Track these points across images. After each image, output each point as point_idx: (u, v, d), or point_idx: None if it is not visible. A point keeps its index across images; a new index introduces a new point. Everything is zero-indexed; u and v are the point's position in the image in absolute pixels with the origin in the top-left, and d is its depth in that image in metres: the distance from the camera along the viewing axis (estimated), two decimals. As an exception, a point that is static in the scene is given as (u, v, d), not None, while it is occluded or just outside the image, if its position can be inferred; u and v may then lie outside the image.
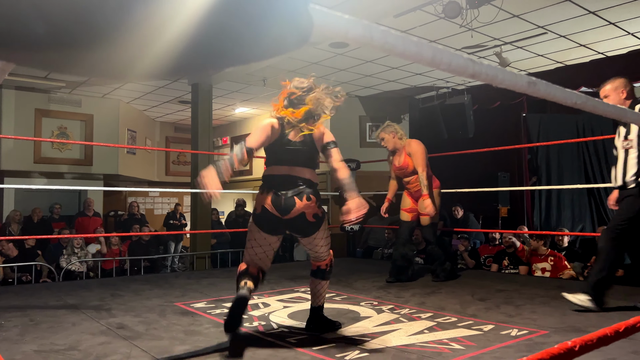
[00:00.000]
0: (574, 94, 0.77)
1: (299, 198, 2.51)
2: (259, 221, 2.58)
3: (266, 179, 2.65)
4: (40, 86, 8.21)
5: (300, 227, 2.57)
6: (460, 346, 2.45)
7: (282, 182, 2.56)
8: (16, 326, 2.86)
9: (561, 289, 4.04)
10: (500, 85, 0.69)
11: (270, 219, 2.54)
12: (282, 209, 2.50)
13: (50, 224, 8.14)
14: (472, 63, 0.61)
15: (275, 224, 2.56)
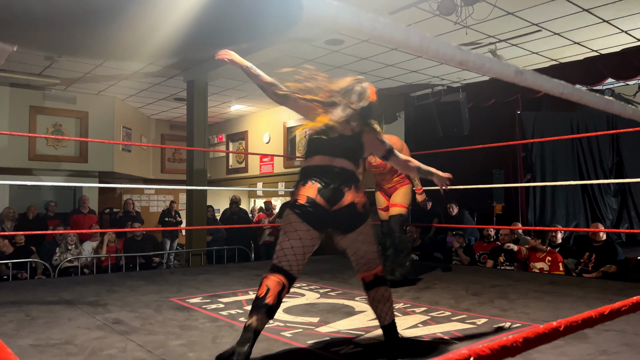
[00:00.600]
0: (561, 84, 0.79)
1: (347, 187, 2.30)
2: (302, 214, 2.27)
3: (307, 170, 2.38)
4: (35, 83, 8.19)
5: (349, 218, 2.30)
6: (454, 339, 2.47)
7: (328, 173, 2.33)
8: (12, 321, 2.87)
9: (554, 284, 4.09)
10: (487, 74, 0.71)
11: (316, 210, 2.26)
12: (331, 200, 2.27)
13: (45, 221, 8.12)
14: (460, 51, 0.63)
15: (321, 217, 2.28)
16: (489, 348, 0.58)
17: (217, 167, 11.96)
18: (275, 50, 6.23)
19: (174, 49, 0.46)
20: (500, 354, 0.59)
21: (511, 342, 0.61)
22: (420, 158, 8.66)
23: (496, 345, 0.60)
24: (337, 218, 2.29)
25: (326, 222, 2.31)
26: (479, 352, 0.57)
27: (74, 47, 0.42)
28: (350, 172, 2.36)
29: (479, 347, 0.58)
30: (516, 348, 0.62)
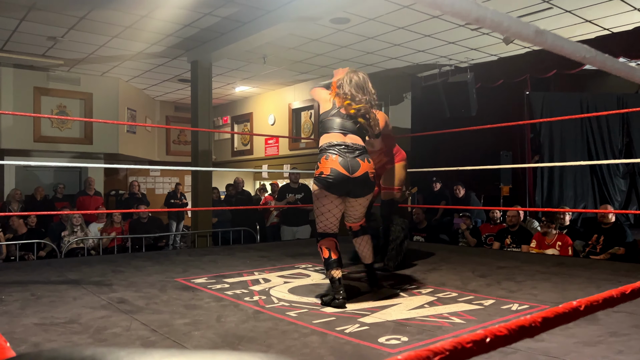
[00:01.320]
0: (584, 48, 0.73)
1: (362, 160, 2.87)
2: (327, 183, 2.84)
3: (325, 146, 2.91)
4: (39, 64, 8.13)
5: (364, 185, 2.89)
6: (461, 320, 2.44)
7: (345, 148, 2.88)
8: (17, 300, 2.87)
9: (562, 265, 4.05)
10: (505, 33, 0.65)
11: (340, 178, 2.82)
12: (350, 169, 2.83)
13: (53, 203, 8.15)
14: (477, 6, 0.57)
15: (344, 183, 2.84)
16: (507, 328, 0.54)
17: (222, 149, 11.92)
18: (280, 29, 6.13)
19: None
20: (518, 334, 0.55)
21: (529, 322, 0.57)
22: (427, 139, 8.60)
23: (514, 325, 0.56)
24: (356, 184, 2.86)
25: (347, 188, 2.87)
26: (496, 332, 0.53)
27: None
28: (362, 146, 2.93)
29: (496, 328, 0.54)
30: (535, 328, 0.57)
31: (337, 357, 1.93)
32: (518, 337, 0.56)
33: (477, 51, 7.44)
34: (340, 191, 2.87)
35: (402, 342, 2.09)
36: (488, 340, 0.52)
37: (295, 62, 8.16)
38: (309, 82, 9.38)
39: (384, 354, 1.97)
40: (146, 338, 2.16)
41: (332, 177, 2.82)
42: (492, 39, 6.82)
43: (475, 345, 0.50)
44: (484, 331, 0.53)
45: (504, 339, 0.53)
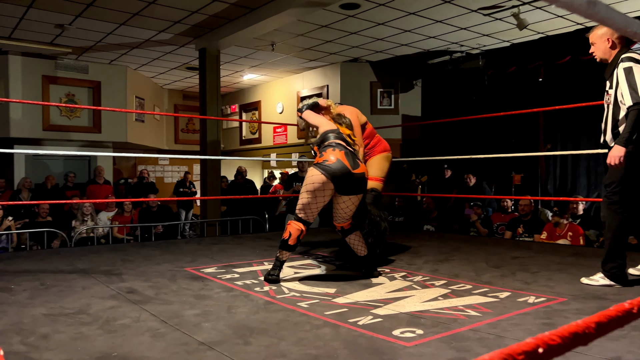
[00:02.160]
0: (636, 23, 0.66)
1: (360, 161, 3.13)
2: (332, 172, 2.97)
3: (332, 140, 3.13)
4: (47, 52, 8.10)
5: (360, 184, 3.06)
6: (477, 313, 2.38)
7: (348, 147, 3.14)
8: (26, 290, 2.85)
9: (577, 255, 3.97)
10: (555, 4, 0.58)
11: (344, 170, 2.97)
12: (352, 165, 3.02)
13: (63, 191, 8.16)
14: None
15: (346, 177, 2.99)
16: (559, 336, 0.48)
17: (231, 138, 11.87)
18: (287, 16, 6.03)
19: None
20: (572, 342, 0.49)
21: (583, 328, 0.51)
22: (438, 127, 8.49)
23: (566, 332, 0.49)
24: (354, 180, 3.01)
25: (347, 182, 3.00)
26: (548, 341, 0.47)
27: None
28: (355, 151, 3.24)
29: (547, 336, 0.48)
30: (589, 335, 0.51)
31: (351, 350, 1.88)
32: (572, 345, 0.50)
33: (489, 37, 7.30)
34: (338, 183, 3.00)
35: (417, 335, 2.04)
36: (541, 351, 0.45)
37: (304, 49, 8.06)
38: (318, 69, 9.27)
39: (399, 347, 1.91)
40: (156, 330, 2.13)
41: (336, 167, 2.97)
42: (505, 24, 6.68)
43: (527, 357, 0.44)
44: (536, 340, 0.47)
45: (558, 348, 0.47)
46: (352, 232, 3.26)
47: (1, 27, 6.81)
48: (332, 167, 2.97)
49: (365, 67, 8.76)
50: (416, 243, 4.83)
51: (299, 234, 3.06)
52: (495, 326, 2.17)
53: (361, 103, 8.50)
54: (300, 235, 3.08)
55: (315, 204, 3.04)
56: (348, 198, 3.09)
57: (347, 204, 3.12)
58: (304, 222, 3.09)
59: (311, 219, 3.11)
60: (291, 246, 3.06)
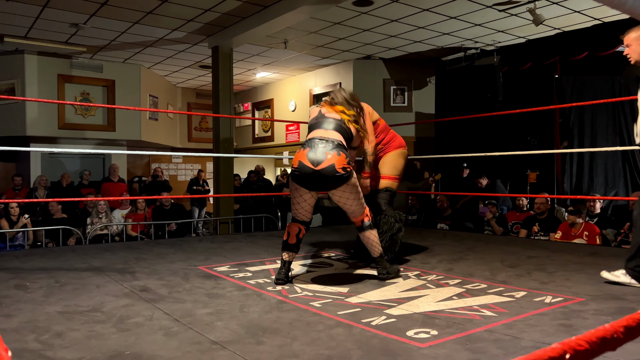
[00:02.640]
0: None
1: (329, 152, 2.87)
2: (295, 177, 2.94)
3: (306, 141, 3.01)
4: (62, 51, 8.18)
5: (330, 177, 2.86)
6: (492, 313, 2.34)
7: (317, 141, 2.94)
8: (41, 288, 2.87)
9: (595, 255, 3.90)
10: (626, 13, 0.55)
11: (305, 171, 2.87)
12: (315, 161, 2.85)
13: (78, 189, 8.25)
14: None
15: (309, 177, 2.88)
16: (586, 341, 0.46)
17: (244, 136, 11.89)
18: (300, 13, 6.01)
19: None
20: (600, 347, 0.46)
21: (611, 332, 0.48)
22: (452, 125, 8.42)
23: (594, 337, 0.47)
24: (320, 177, 2.86)
25: (312, 181, 2.89)
26: (575, 346, 0.44)
27: None
28: (338, 141, 2.95)
29: (574, 341, 0.45)
30: (617, 340, 0.49)
31: (365, 350, 1.86)
32: (600, 350, 0.47)
33: (504, 33, 7.20)
34: (306, 184, 2.93)
35: (431, 336, 2.01)
36: (568, 357, 0.43)
37: (317, 47, 8.04)
38: (331, 67, 9.24)
39: (413, 348, 1.89)
40: (168, 328, 2.12)
41: (297, 170, 2.91)
42: (520, 20, 6.58)
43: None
44: (562, 345, 0.44)
45: (585, 353, 0.45)
46: (360, 231, 3.15)
47: (17, 26, 6.89)
48: (295, 172, 2.94)
49: (379, 65, 8.71)
50: (430, 242, 4.79)
51: (296, 233, 3.07)
52: (512, 327, 2.13)
53: (374, 101, 8.46)
54: (299, 234, 3.08)
55: (298, 203, 3.05)
56: (331, 193, 3.01)
57: (335, 199, 3.06)
58: (299, 222, 3.09)
59: (303, 218, 3.09)
60: (290, 245, 3.06)
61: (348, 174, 2.90)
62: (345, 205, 3.07)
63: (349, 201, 3.03)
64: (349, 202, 3.04)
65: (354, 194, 3.01)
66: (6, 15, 6.43)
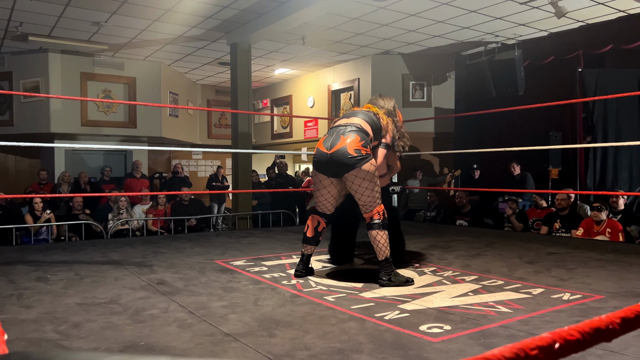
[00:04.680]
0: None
1: (344, 135, 2.84)
2: (314, 163, 2.97)
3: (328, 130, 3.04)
4: (84, 49, 8.32)
5: (342, 159, 2.79)
6: (508, 309, 2.31)
7: (337, 128, 2.95)
8: (62, 280, 2.94)
9: (617, 252, 3.81)
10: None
11: (321, 155, 2.89)
12: (329, 145, 2.86)
13: (100, 185, 8.40)
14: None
15: (324, 162, 2.87)
16: (579, 331, 0.44)
17: (262, 132, 11.94)
18: (319, 8, 6.00)
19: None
20: (594, 338, 0.45)
21: (606, 323, 0.47)
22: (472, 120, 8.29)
23: (587, 327, 0.46)
24: (332, 159, 2.83)
25: (327, 165, 2.87)
26: (566, 336, 0.43)
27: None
28: (359, 126, 2.91)
29: (566, 331, 0.44)
30: (612, 331, 0.47)
31: (377, 344, 1.86)
32: (593, 341, 0.46)
33: (525, 27, 7.07)
34: (322, 169, 2.93)
35: (444, 331, 1.99)
36: (557, 346, 0.42)
37: (335, 43, 8.01)
38: (349, 62, 9.21)
39: (425, 342, 1.87)
40: (183, 320, 2.15)
41: (315, 157, 2.94)
42: (542, 13, 6.45)
43: (542, 353, 0.41)
44: (552, 335, 0.43)
45: (576, 344, 0.44)
46: (372, 228, 2.91)
47: (41, 25, 7.03)
48: (314, 158, 2.97)
49: (397, 60, 8.64)
50: (448, 238, 4.75)
51: (315, 226, 3.06)
52: (527, 323, 2.10)
53: (393, 96, 8.34)
54: (318, 227, 3.06)
55: (319, 192, 3.04)
56: (345, 179, 2.88)
57: (348, 185, 2.90)
58: (319, 214, 3.09)
59: (323, 209, 3.07)
60: (309, 238, 3.05)
61: (361, 156, 2.78)
62: (357, 194, 2.89)
63: (361, 189, 2.85)
64: (360, 191, 2.86)
65: (367, 181, 2.83)
66: (30, 15, 6.57)
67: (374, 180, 2.86)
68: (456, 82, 8.59)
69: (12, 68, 8.47)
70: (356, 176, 2.81)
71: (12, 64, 8.47)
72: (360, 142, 2.80)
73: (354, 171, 2.80)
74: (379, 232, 2.90)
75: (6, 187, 8.07)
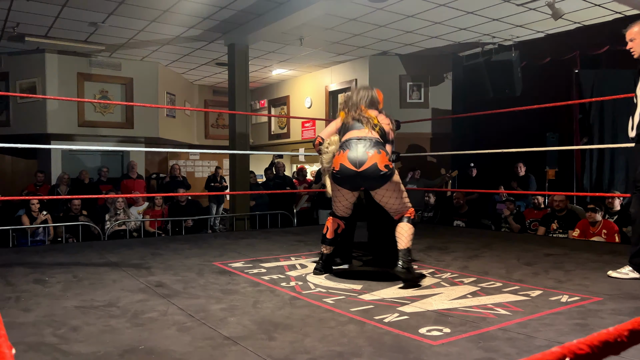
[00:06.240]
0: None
1: (369, 152, 2.86)
2: (337, 179, 2.98)
3: (342, 143, 3.01)
4: (81, 50, 8.29)
5: (373, 177, 2.85)
6: (506, 311, 2.32)
7: (355, 141, 2.94)
8: (59, 282, 2.93)
9: (615, 253, 3.82)
10: None
11: (347, 173, 2.88)
12: (357, 162, 2.85)
13: (97, 186, 8.37)
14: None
15: (352, 178, 2.90)
16: (588, 345, 0.45)
17: (260, 133, 11.94)
18: (316, 9, 6.00)
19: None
20: (603, 351, 0.45)
21: (614, 336, 0.47)
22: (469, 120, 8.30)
23: (596, 340, 0.46)
24: (364, 177, 2.87)
25: (356, 182, 2.93)
26: (576, 350, 0.44)
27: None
28: (376, 139, 2.95)
29: (575, 344, 0.44)
30: (621, 344, 0.47)
31: (376, 347, 1.86)
32: (602, 354, 0.46)
33: (522, 28, 7.09)
34: (349, 186, 2.99)
35: (444, 334, 2.00)
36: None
37: (332, 43, 8.01)
38: (347, 63, 9.21)
39: (425, 345, 1.88)
40: (182, 324, 2.15)
41: (339, 174, 2.93)
42: (539, 14, 6.47)
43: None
44: (562, 349, 0.43)
45: (586, 358, 0.44)
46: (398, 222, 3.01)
47: (38, 26, 7.01)
48: (337, 176, 2.96)
49: (395, 61, 8.65)
50: (445, 239, 4.75)
51: (335, 228, 3.16)
52: (526, 326, 2.10)
53: (390, 97, 8.40)
54: (338, 229, 3.17)
55: (339, 202, 3.12)
56: (375, 193, 3.01)
57: (377, 198, 3.04)
58: (339, 217, 3.17)
59: (342, 214, 3.16)
60: (329, 240, 3.17)
61: (391, 171, 2.90)
62: (388, 204, 3.03)
63: (392, 200, 3.00)
64: (391, 201, 3.00)
65: (396, 192, 2.98)
66: (27, 15, 6.54)
67: (401, 189, 3.03)
68: (453, 83, 8.61)
69: (9, 68, 8.44)
70: (387, 190, 2.95)
71: (9, 64, 8.44)
72: (387, 157, 2.91)
73: (386, 185, 2.93)
74: (407, 224, 3.00)
75: (3, 188, 8.04)
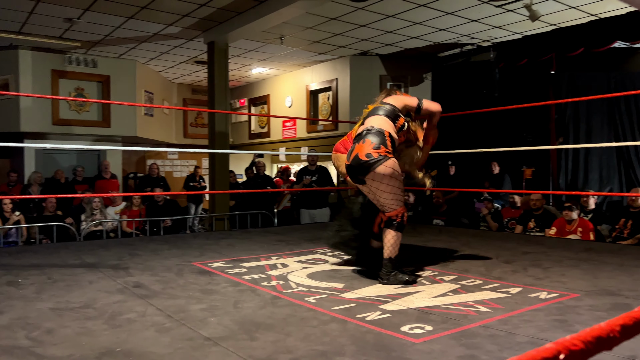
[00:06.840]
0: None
1: (357, 142, 2.87)
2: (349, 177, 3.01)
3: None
4: (56, 46, 8.11)
5: (356, 167, 2.83)
6: (487, 309, 2.34)
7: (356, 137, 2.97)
8: (33, 284, 2.85)
9: (590, 251, 3.90)
10: None
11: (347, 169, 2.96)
12: (348, 156, 2.94)
13: (72, 185, 8.19)
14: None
15: (349, 172, 2.94)
16: (581, 341, 0.44)
17: (240, 132, 11.86)
18: (296, 8, 5.98)
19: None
20: (596, 347, 0.45)
21: (607, 331, 0.47)
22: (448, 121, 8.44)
23: (589, 336, 0.45)
24: (350, 169, 2.89)
25: (351, 175, 2.93)
26: (570, 346, 0.43)
27: None
28: (371, 128, 2.88)
29: (569, 340, 0.44)
30: (613, 339, 0.47)
31: (359, 346, 1.85)
32: (595, 350, 0.45)
33: (500, 29, 7.19)
34: (353, 180, 2.98)
35: (426, 332, 2.00)
36: (562, 357, 0.41)
37: (313, 43, 8.00)
38: (327, 62, 9.21)
39: (407, 343, 1.87)
40: (161, 324, 2.11)
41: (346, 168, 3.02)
42: (516, 16, 6.57)
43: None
44: (556, 345, 0.43)
45: (580, 353, 0.43)
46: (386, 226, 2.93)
47: (11, 21, 6.83)
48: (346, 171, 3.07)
49: (375, 61, 8.68)
50: (425, 237, 4.78)
51: (379, 222, 3.14)
52: (507, 322, 2.12)
53: (370, 97, 8.38)
54: (382, 223, 3.12)
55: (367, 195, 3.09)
56: (362, 186, 2.94)
57: (365, 190, 2.97)
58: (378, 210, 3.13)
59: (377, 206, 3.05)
60: (376, 234, 3.20)
61: (374, 160, 2.73)
62: (375, 197, 2.89)
63: (379, 192, 2.82)
64: (378, 194, 2.84)
65: (383, 184, 2.78)
66: (0, 10, 6.37)
67: (390, 183, 2.80)
68: (432, 83, 8.68)
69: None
70: (373, 180, 2.80)
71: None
72: (372, 145, 2.76)
73: (369, 175, 2.79)
74: (390, 231, 2.92)
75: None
